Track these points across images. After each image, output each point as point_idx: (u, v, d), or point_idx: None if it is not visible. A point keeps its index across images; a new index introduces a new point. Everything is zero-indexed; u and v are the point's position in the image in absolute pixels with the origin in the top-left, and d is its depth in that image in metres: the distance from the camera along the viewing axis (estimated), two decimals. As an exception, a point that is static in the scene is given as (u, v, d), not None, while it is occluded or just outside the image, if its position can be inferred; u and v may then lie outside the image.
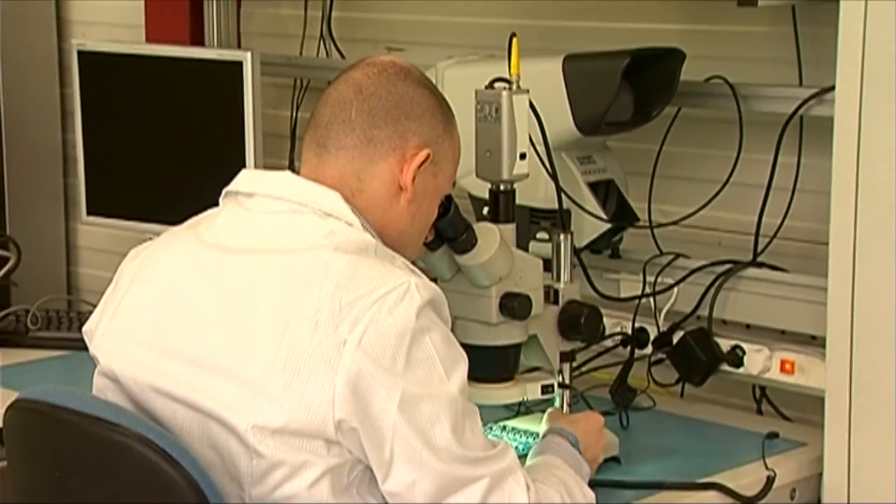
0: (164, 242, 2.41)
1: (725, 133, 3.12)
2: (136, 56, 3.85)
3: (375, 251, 2.24)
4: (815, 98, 2.93)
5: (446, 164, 2.40)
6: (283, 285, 2.19)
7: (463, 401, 2.17)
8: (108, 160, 3.90)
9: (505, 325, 2.60)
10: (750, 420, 3.02)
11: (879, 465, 2.60)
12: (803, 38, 3.04)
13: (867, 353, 2.60)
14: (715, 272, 3.05)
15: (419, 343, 2.13)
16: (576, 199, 3.02)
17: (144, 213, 3.76)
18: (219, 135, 3.61)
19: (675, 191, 3.23)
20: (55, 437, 2.27)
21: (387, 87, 2.33)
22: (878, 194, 2.55)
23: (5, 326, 3.57)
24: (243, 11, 4.13)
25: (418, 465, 2.12)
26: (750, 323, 3.05)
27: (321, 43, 3.93)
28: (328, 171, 2.30)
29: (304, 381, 2.11)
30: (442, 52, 3.38)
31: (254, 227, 2.29)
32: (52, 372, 3.35)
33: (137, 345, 2.31)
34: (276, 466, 2.14)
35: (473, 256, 2.52)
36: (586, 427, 2.58)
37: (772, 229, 3.09)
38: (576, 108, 2.98)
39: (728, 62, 3.12)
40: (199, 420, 2.20)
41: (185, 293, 2.28)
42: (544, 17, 3.38)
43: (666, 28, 3.23)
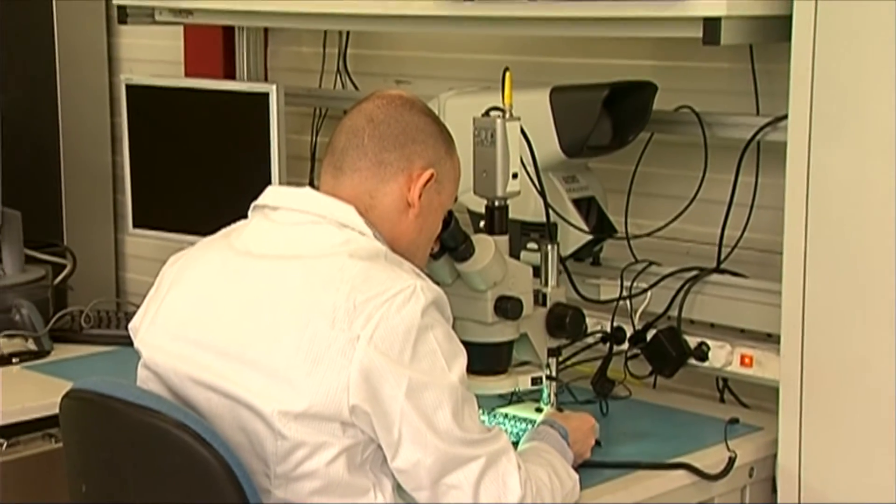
0: (199, 250, 2.40)
1: (692, 156, 3.11)
2: (176, 89, 3.85)
3: (386, 257, 2.24)
4: (770, 125, 2.93)
5: (448, 183, 2.40)
6: (304, 287, 2.19)
7: (462, 389, 2.17)
8: (151, 179, 3.90)
9: (499, 325, 2.60)
10: (714, 407, 3.02)
11: (827, 446, 2.60)
12: (760, 73, 3.03)
13: (816, 348, 2.59)
14: (683, 278, 3.04)
15: (424, 338, 2.14)
16: (561, 213, 3.01)
17: (183, 225, 3.76)
18: (248, 157, 3.60)
19: (649, 206, 3.22)
20: (104, 423, 2.28)
21: (395, 116, 2.34)
22: (826, 210, 2.55)
23: (62, 325, 3.56)
24: (270, 49, 4.14)
25: (423, 446, 2.13)
26: (714, 322, 3.04)
27: (337, 77, 3.92)
28: (344, 190, 2.30)
29: (323, 371, 2.12)
30: (444, 84, 3.39)
31: (279, 236, 2.29)
32: (102, 365, 3.34)
33: (176, 340, 2.31)
34: (298, 447, 2.15)
35: (472, 264, 2.52)
36: (578, 424, 2.58)
37: (733, 240, 3.09)
38: (561, 133, 2.97)
39: (694, 94, 3.11)
40: (230, 406, 2.20)
41: (218, 294, 2.29)
42: (533, 54, 3.38)
43: (640, 63, 3.22)
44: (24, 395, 3.13)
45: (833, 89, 2.51)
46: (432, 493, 2.17)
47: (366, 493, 2.18)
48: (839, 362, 2.57)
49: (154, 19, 3.71)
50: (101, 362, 3.38)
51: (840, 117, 2.52)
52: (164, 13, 3.67)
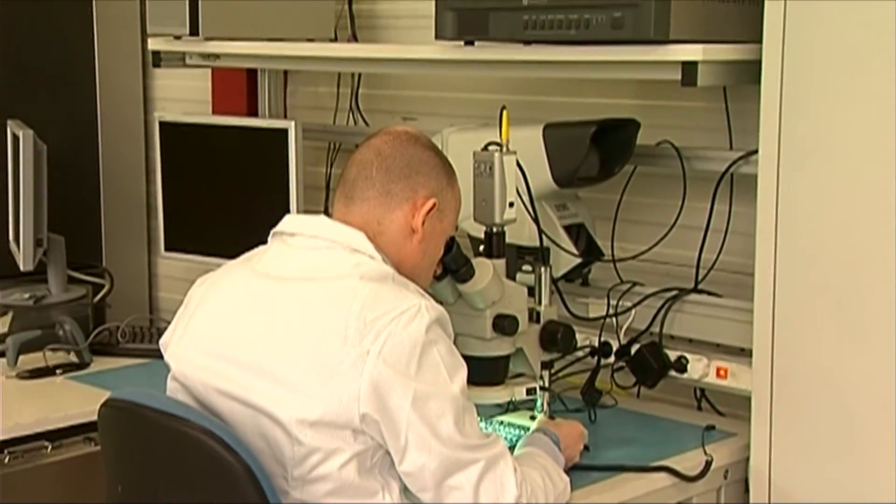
0: (224, 272, 2.40)
1: (672, 186, 3.10)
2: (204, 125, 3.85)
3: (393, 279, 2.24)
4: (742, 159, 2.93)
5: (450, 211, 2.40)
6: (319, 306, 2.19)
7: (463, 399, 2.16)
8: (182, 207, 3.90)
9: (497, 340, 2.59)
10: (692, 415, 3.00)
11: (795, 450, 2.59)
12: (733, 112, 3.03)
13: (785, 362, 2.59)
14: (664, 297, 3.04)
15: (428, 353, 2.14)
16: (554, 238, 3.01)
17: (210, 249, 3.75)
18: (269, 186, 3.60)
19: (633, 232, 3.21)
20: (137, 430, 2.28)
21: (401, 150, 2.34)
22: (793, 236, 2.55)
23: (101, 339, 3.55)
24: (289, 89, 4.14)
25: (427, 451, 2.12)
26: (692, 338, 3.03)
27: (350, 114, 3.92)
28: (355, 218, 2.30)
29: (336, 383, 2.11)
30: (446, 121, 3.39)
31: (296, 260, 2.29)
32: (136, 376, 3.33)
33: (203, 354, 2.30)
34: (313, 452, 2.14)
35: (472, 285, 2.52)
36: (568, 431, 2.58)
37: (709, 263, 3.08)
38: (553, 166, 2.97)
39: (674, 130, 3.11)
40: (251, 415, 2.19)
41: (241, 313, 2.28)
42: (528, 94, 3.37)
43: (624, 102, 3.22)
44: (67, 403, 3.13)
45: (799, 127, 2.51)
46: (436, 494, 2.16)
47: (375, 494, 2.18)
48: (806, 374, 2.56)
49: (185, 63, 3.72)
50: (135, 374, 3.37)
51: (805, 152, 2.51)
52: (193, 57, 3.68)
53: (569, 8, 2.68)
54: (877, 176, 2.42)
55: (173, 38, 3.57)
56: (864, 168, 2.44)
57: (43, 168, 3.73)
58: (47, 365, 3.36)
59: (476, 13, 2.86)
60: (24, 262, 3.71)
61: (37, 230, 3.71)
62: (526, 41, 2.83)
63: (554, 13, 2.70)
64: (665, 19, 2.55)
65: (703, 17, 2.61)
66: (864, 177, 2.44)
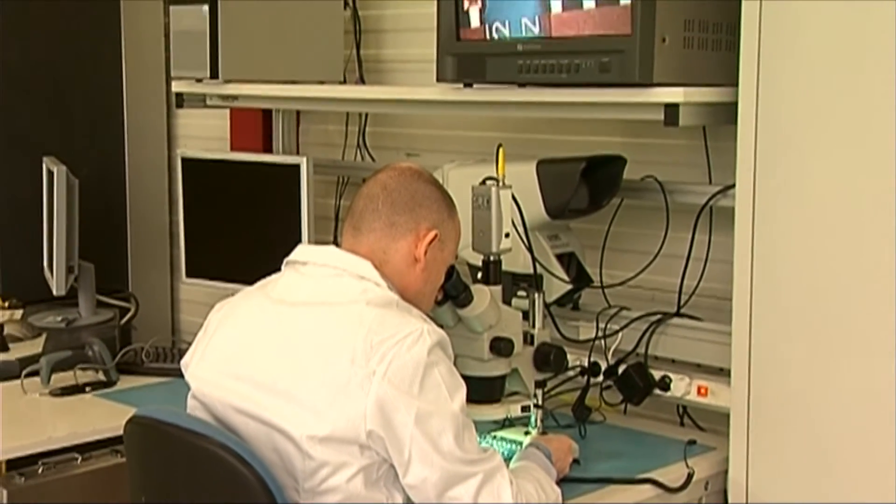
0: (240, 298, 2.40)
1: (656, 218, 3.10)
2: (223, 161, 3.85)
3: (397, 305, 2.23)
4: (720, 193, 2.93)
5: (450, 241, 2.39)
6: (328, 330, 2.18)
7: (462, 417, 2.15)
8: (202, 236, 3.89)
9: (493, 361, 2.58)
10: (675, 431, 2.99)
11: (770, 463, 2.58)
12: (712, 149, 3.03)
13: (761, 381, 2.58)
14: (649, 320, 3.03)
15: (430, 373, 2.12)
16: (546, 266, 3.00)
17: (228, 275, 3.74)
18: (282, 217, 3.59)
19: (620, 260, 3.21)
20: (160, 445, 2.27)
21: (405, 185, 2.34)
22: (768, 264, 2.54)
23: (127, 359, 3.54)
24: (301, 127, 4.14)
25: (429, 465, 2.11)
26: (675, 358, 3.02)
27: (358, 150, 3.92)
28: (362, 248, 2.30)
29: (344, 402, 2.11)
30: (447, 157, 3.38)
31: (307, 287, 2.28)
32: (159, 394, 3.32)
33: (221, 374, 2.30)
34: (322, 465, 2.13)
35: (470, 310, 2.52)
36: (558, 445, 2.57)
37: (690, 288, 3.07)
38: (546, 199, 2.96)
39: (657, 166, 3.11)
40: (265, 431, 2.18)
41: (256, 336, 2.28)
42: (522, 132, 3.37)
43: (612, 140, 3.22)
44: (95, 418, 3.13)
45: (773, 163, 2.52)
46: None
47: (380, 506, 2.17)
48: (780, 392, 2.55)
49: (205, 103, 3.71)
50: (158, 391, 3.36)
51: (779, 187, 2.51)
52: (213, 98, 3.67)
53: (560, 53, 2.68)
54: (846, 209, 2.42)
55: (195, 81, 3.57)
56: (834, 201, 2.44)
57: (75, 201, 3.74)
58: (77, 383, 3.35)
59: (474, 58, 2.87)
60: (56, 288, 3.72)
61: (69, 258, 3.71)
62: (520, 83, 2.83)
63: (546, 58, 2.71)
64: (649, 64, 2.55)
65: (684, 63, 2.61)
66: (834, 209, 2.44)
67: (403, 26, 3.78)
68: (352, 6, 3.83)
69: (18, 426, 3.06)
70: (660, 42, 2.56)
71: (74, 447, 3.06)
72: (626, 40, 2.56)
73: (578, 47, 2.65)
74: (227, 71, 3.47)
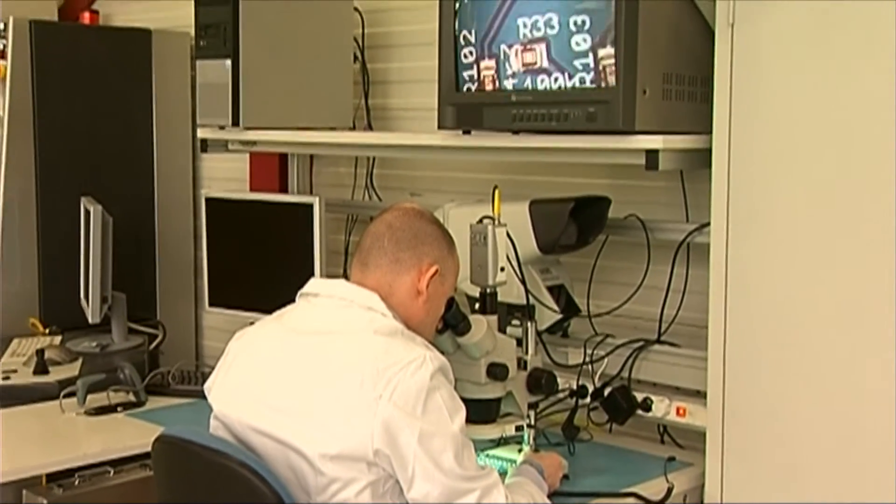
0: (258, 327, 2.39)
1: (638, 253, 3.10)
2: (243, 200, 3.85)
3: (402, 333, 2.23)
4: (697, 230, 2.92)
5: (450, 275, 2.39)
6: (338, 356, 2.18)
7: (462, 437, 2.14)
8: (223, 269, 3.89)
9: (490, 385, 2.57)
10: (656, 448, 2.97)
11: (743, 478, 2.57)
12: (688, 190, 3.03)
13: (734, 402, 2.57)
14: (632, 347, 3.02)
15: (432, 397, 2.11)
16: (538, 297, 3.00)
17: (247, 304, 3.74)
18: (296, 252, 3.59)
19: (606, 291, 3.20)
20: (184, 462, 2.26)
21: (408, 224, 2.33)
22: (741, 295, 2.54)
23: (155, 381, 3.53)
24: (314, 170, 4.13)
25: (431, 481, 2.09)
26: (656, 382, 3.01)
27: (366, 190, 3.92)
28: (369, 281, 2.29)
29: (353, 423, 2.10)
30: (447, 197, 3.38)
31: (319, 317, 2.28)
32: (185, 414, 3.30)
33: (240, 397, 2.29)
34: (333, 481, 2.12)
35: (469, 338, 2.51)
36: (549, 462, 2.55)
37: (670, 317, 3.06)
38: (538, 235, 2.96)
39: (639, 205, 3.10)
40: (281, 449, 2.17)
41: (273, 362, 2.27)
42: (516, 174, 3.37)
43: (598, 182, 3.21)
44: (126, 435, 3.11)
45: (744, 204, 2.51)
46: None
47: (386, 517, 2.16)
48: (753, 413, 2.54)
49: (227, 148, 3.72)
50: (183, 411, 3.34)
51: (750, 224, 2.51)
52: (234, 144, 3.68)
53: (550, 104, 2.68)
54: (812, 245, 2.42)
55: (218, 128, 3.57)
56: (800, 238, 2.44)
57: (109, 236, 3.74)
58: (110, 403, 3.33)
59: (472, 107, 2.87)
60: (92, 316, 3.71)
61: (103, 288, 3.71)
62: (514, 131, 2.83)
63: (538, 108, 2.71)
64: (631, 114, 2.55)
65: (663, 113, 2.61)
66: (801, 245, 2.44)
67: (408, 78, 3.79)
68: (361, 60, 3.84)
69: (57, 443, 3.07)
70: (641, 94, 2.56)
71: (107, 462, 3.05)
72: (610, 92, 2.56)
73: (567, 98, 2.65)
74: (247, 119, 3.48)
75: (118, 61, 4.29)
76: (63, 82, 4.13)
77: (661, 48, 2.60)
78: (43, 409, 3.33)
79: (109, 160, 4.27)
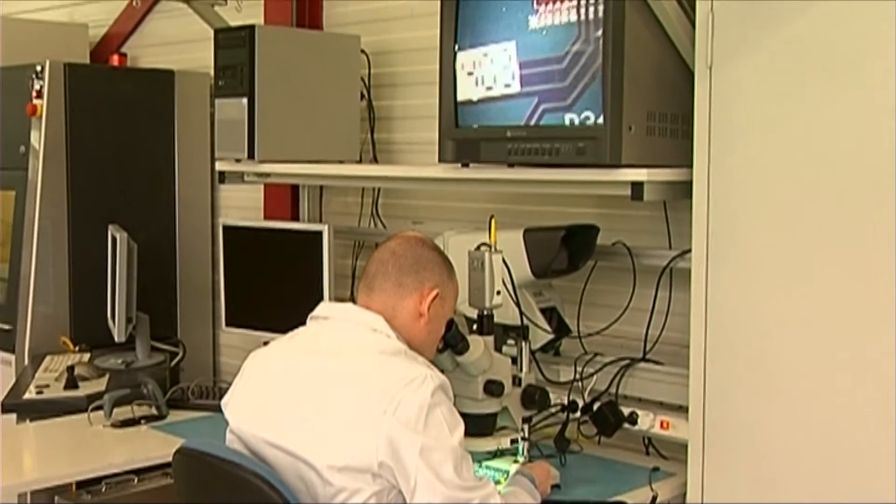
0: (271, 347, 2.38)
1: (624, 277, 3.09)
2: (257, 228, 3.85)
3: (405, 353, 2.22)
4: (679, 256, 2.92)
5: (449, 298, 2.38)
6: (346, 375, 2.16)
7: (461, 450, 2.12)
8: (239, 291, 3.87)
9: (487, 400, 2.58)
10: (641, 459, 2.95)
11: (722, 487, 2.55)
12: (671, 219, 3.03)
13: (714, 417, 2.55)
14: (620, 364, 3.00)
15: (433, 413, 2.10)
16: (532, 318, 2.98)
17: (261, 325, 3.72)
18: (307, 276, 3.58)
19: (595, 313, 3.19)
20: (202, 472, 2.24)
21: (411, 250, 2.32)
22: (719, 317, 2.52)
23: (175, 396, 3.51)
24: (324, 199, 4.13)
25: (432, 491, 2.08)
26: (641, 397, 2.99)
27: (371, 219, 3.91)
28: (374, 304, 2.28)
29: (359, 437, 2.08)
30: (447, 225, 3.38)
31: (328, 338, 2.27)
32: (203, 426, 3.29)
33: (255, 413, 2.27)
34: (340, 491, 2.10)
35: (467, 356, 2.51)
36: (540, 471, 2.53)
37: (654, 337, 3.05)
38: (532, 261, 2.95)
39: (626, 233, 3.10)
40: (291, 461, 2.16)
41: (285, 380, 2.25)
42: (511, 204, 3.37)
43: (587, 212, 3.21)
44: (149, 446, 3.09)
45: (723, 232, 2.51)
46: None
47: (389, 524, 2.14)
48: (731, 426, 2.52)
49: (243, 180, 3.72)
50: (201, 424, 3.32)
51: (727, 251, 2.50)
52: (250, 175, 3.68)
53: (543, 139, 2.68)
54: (785, 270, 2.41)
55: (235, 161, 3.58)
56: (774, 263, 2.43)
57: (133, 261, 3.74)
58: (134, 416, 3.32)
59: (470, 142, 2.87)
60: (118, 335, 3.70)
61: (128, 309, 3.70)
62: (509, 164, 2.83)
63: (531, 143, 2.71)
64: (618, 149, 2.55)
65: (648, 148, 2.61)
66: (775, 270, 2.43)
67: (410, 115, 3.80)
68: (367, 98, 3.85)
69: (86, 453, 3.06)
70: (627, 130, 2.56)
71: (132, 470, 3.09)
72: (598, 129, 2.56)
73: (558, 134, 2.65)
74: (261, 152, 3.48)
75: (144, 100, 4.31)
76: (93, 119, 4.14)
77: (645, 88, 2.60)
78: (73, 422, 3.31)
79: (135, 190, 4.27)
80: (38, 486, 2.95)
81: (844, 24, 2.29)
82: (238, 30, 3.50)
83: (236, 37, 3.49)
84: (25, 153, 4.07)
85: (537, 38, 2.67)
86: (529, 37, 2.69)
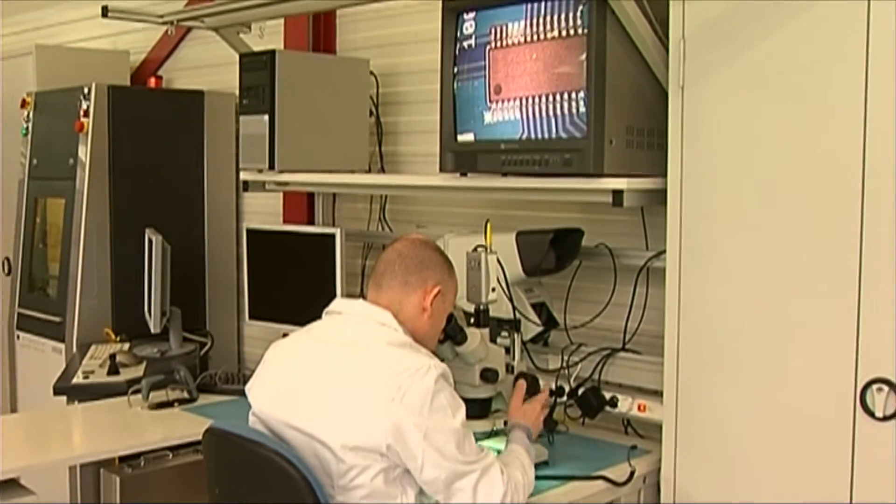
0: (290, 339, 2.36)
1: (606, 276, 3.08)
2: (277, 231, 3.82)
3: (410, 345, 2.20)
4: (655, 257, 2.90)
5: (450, 294, 2.36)
6: (357, 364, 2.15)
7: (463, 429, 2.12)
8: (262, 288, 3.85)
9: (483, 386, 2.56)
10: (621, 438, 2.94)
11: (693, 463, 2.54)
12: (648, 224, 3.01)
13: (686, 400, 2.54)
14: (602, 354, 2.99)
15: (437, 398, 2.08)
16: (523, 313, 2.97)
17: (281, 318, 3.70)
18: (322, 274, 3.56)
19: (580, 307, 3.18)
20: (228, 450, 2.23)
21: (415, 252, 2.31)
22: (691, 311, 2.52)
23: (204, 381, 3.51)
24: (336, 205, 4.11)
25: (438, 467, 2.08)
26: (621, 383, 2.98)
27: (379, 223, 3.89)
28: (383, 300, 2.26)
29: (370, 421, 2.07)
30: (448, 228, 3.36)
31: (341, 331, 2.25)
32: (229, 409, 3.27)
33: (275, 397, 2.25)
34: (352, 468, 2.09)
35: (465, 347, 2.49)
36: (532, 413, 2.51)
37: (633, 329, 3.04)
38: (523, 261, 2.93)
39: (607, 236, 3.09)
40: (308, 441, 2.14)
41: (302, 368, 2.24)
42: (505, 209, 3.36)
43: (573, 216, 3.20)
44: (182, 426, 3.09)
45: (694, 235, 2.50)
46: (446, 495, 2.12)
47: (396, 497, 2.12)
48: (701, 408, 2.52)
49: (265, 188, 3.70)
50: (228, 407, 3.31)
51: (699, 252, 2.49)
52: (270, 184, 3.66)
53: (533, 151, 2.67)
54: (751, 269, 2.40)
55: (257, 171, 3.56)
56: (740, 263, 2.42)
57: (167, 261, 3.73)
58: (168, 399, 3.31)
59: (468, 154, 2.86)
60: (153, 326, 3.70)
61: (163, 304, 3.70)
62: (503, 173, 2.81)
63: (522, 154, 2.70)
64: (600, 160, 2.54)
65: (627, 159, 2.60)
66: (741, 269, 2.42)
67: (414, 129, 3.78)
68: (375, 114, 3.83)
69: (126, 431, 3.07)
70: (608, 144, 2.55)
71: (167, 447, 3.10)
72: (583, 142, 2.55)
73: (547, 146, 2.63)
74: (281, 163, 3.47)
75: (177, 117, 4.30)
76: (133, 135, 4.15)
77: (624, 106, 2.58)
78: (114, 404, 3.32)
79: (169, 198, 4.27)
80: (85, 459, 2.98)
81: (803, 48, 2.29)
82: (260, 54, 3.49)
83: (259, 60, 3.48)
84: (74, 165, 4.08)
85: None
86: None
